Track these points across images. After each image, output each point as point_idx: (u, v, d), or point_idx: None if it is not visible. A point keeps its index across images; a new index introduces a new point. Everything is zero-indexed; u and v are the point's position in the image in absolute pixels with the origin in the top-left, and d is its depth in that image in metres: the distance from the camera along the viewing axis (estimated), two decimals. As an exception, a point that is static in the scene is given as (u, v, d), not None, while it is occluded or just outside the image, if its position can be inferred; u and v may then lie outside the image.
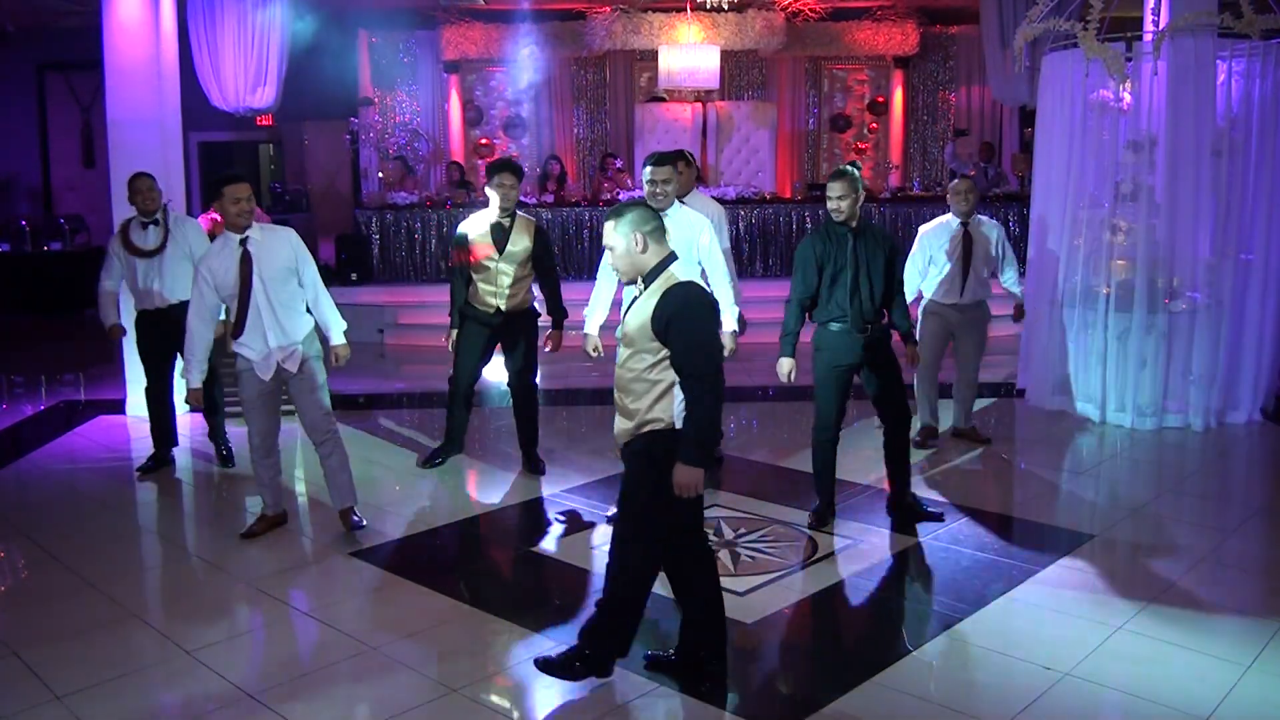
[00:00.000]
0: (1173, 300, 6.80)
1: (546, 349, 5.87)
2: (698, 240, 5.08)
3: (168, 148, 7.42)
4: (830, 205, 4.84)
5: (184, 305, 6.02)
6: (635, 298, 3.43)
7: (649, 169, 5.00)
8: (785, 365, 5.00)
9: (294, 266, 4.80)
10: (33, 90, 13.98)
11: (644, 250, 3.39)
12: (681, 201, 5.67)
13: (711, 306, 3.41)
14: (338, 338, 5.03)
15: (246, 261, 4.69)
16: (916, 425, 6.37)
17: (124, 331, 6.34)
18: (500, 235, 5.67)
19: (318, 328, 4.97)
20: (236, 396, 5.09)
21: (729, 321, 5.23)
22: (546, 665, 3.57)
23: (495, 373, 6.37)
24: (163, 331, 6.07)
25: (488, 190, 5.72)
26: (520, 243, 5.70)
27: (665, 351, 3.31)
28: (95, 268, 6.29)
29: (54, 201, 14.13)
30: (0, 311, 12.19)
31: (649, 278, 3.40)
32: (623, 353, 3.44)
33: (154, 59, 7.33)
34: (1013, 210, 11.11)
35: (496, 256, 5.67)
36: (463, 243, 5.74)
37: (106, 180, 7.43)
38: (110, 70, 7.30)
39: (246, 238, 4.71)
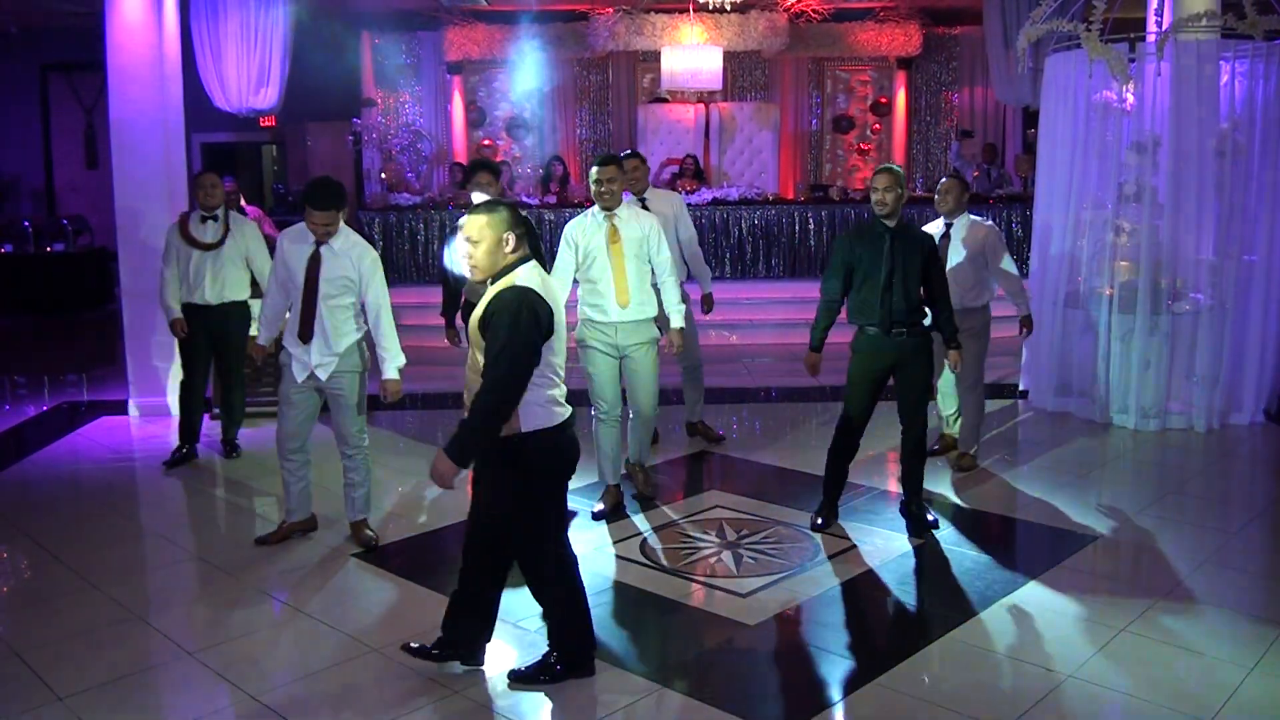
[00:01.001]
0: (1176, 301, 6.79)
1: None
2: (647, 237, 5.19)
3: (171, 148, 7.40)
4: (874, 198, 4.85)
5: (232, 305, 6.11)
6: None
7: (595, 169, 5.10)
8: (808, 360, 5.05)
9: (353, 282, 4.75)
10: (35, 91, 13.97)
11: (512, 250, 3.38)
12: (642, 198, 5.76)
13: (536, 316, 3.25)
14: (390, 372, 4.78)
15: (315, 260, 4.71)
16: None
17: (185, 329, 6.13)
18: None
19: (371, 350, 4.86)
20: (273, 394, 5.05)
21: (676, 319, 5.33)
22: (520, 677, 3.58)
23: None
24: (205, 328, 6.12)
25: (471, 193, 5.81)
26: None
27: None
28: (98, 268, 6.29)
29: (56, 202, 14.13)
30: (3, 312, 12.20)
31: (498, 276, 3.38)
32: (470, 352, 3.42)
33: (157, 59, 7.32)
34: (1016, 211, 11.09)
35: None
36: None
37: (109, 181, 7.43)
38: (113, 70, 7.29)
39: (324, 241, 4.72)
